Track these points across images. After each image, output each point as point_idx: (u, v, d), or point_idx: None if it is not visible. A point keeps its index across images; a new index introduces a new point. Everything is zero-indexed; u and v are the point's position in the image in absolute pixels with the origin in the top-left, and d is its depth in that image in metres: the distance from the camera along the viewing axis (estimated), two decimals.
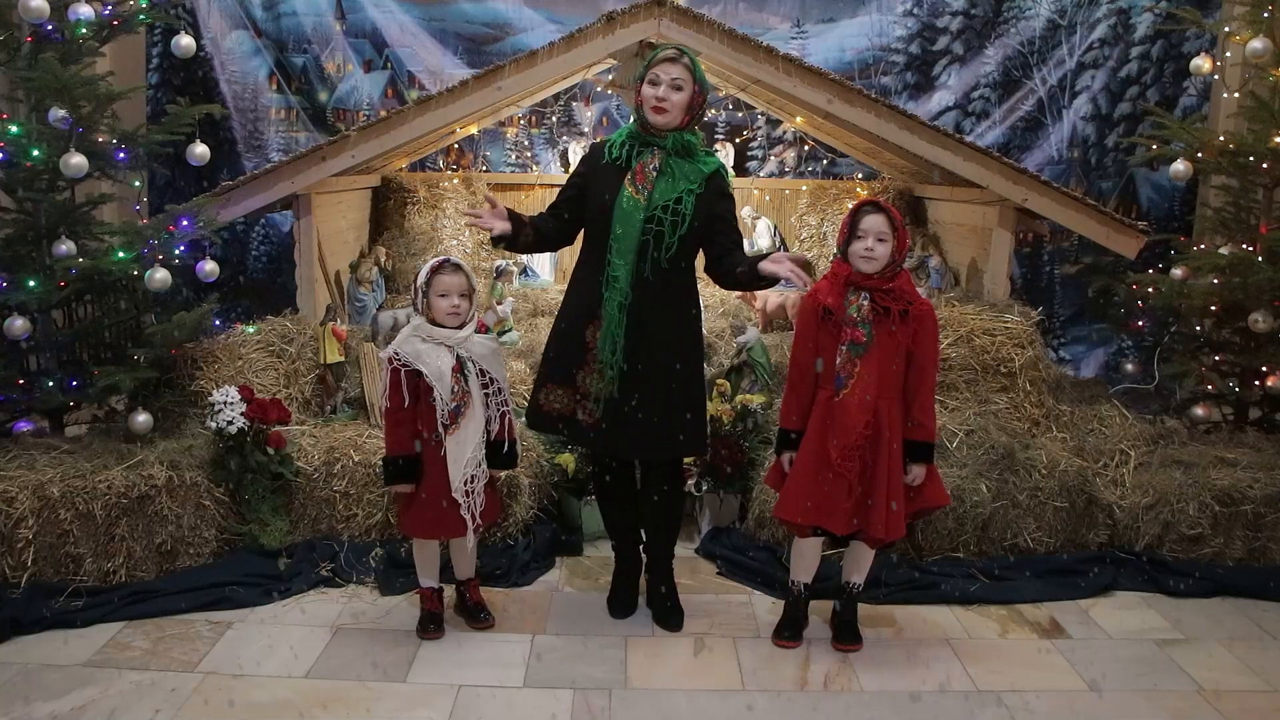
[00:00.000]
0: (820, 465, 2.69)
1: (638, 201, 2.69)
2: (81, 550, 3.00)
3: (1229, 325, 4.20)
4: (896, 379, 2.71)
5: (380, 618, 3.03)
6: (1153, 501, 3.44)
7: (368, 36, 5.69)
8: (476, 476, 2.78)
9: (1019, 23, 5.66)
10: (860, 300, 2.67)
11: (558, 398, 2.82)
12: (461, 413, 2.75)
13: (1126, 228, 4.15)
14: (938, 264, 4.94)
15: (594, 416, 2.77)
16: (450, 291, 2.75)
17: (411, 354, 2.74)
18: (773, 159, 5.94)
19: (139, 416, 3.39)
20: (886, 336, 2.68)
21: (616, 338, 2.71)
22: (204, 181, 5.10)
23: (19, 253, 3.45)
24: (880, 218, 2.67)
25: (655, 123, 2.72)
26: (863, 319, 2.66)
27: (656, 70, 2.72)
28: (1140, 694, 2.68)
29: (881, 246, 2.66)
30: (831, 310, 2.70)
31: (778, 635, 2.93)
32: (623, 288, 2.69)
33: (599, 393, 2.75)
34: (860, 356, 2.66)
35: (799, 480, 2.74)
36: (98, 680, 2.62)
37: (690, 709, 2.56)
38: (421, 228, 5.30)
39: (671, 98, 2.70)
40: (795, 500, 2.73)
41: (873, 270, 2.68)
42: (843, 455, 2.66)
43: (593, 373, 2.75)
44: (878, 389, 2.67)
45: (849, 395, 2.66)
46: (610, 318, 2.71)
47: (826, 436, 2.69)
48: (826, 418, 2.70)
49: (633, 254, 2.69)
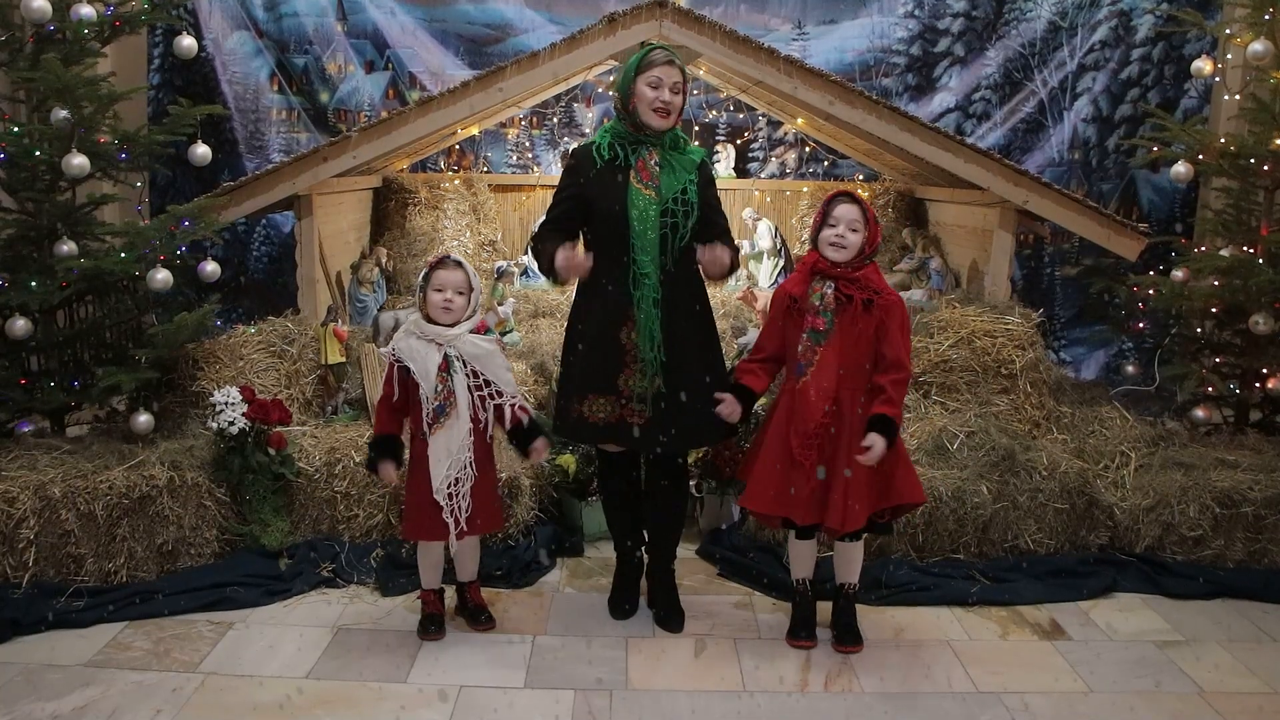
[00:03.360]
0: (784, 455, 2.71)
1: (649, 197, 2.70)
2: (83, 550, 3.01)
3: (1229, 327, 4.21)
4: (859, 369, 2.70)
5: (381, 618, 3.03)
6: (1153, 503, 3.44)
7: (369, 37, 5.70)
8: (462, 480, 2.77)
9: (1020, 24, 5.67)
10: (824, 289, 2.68)
11: (601, 407, 2.79)
12: (445, 413, 2.74)
13: (1127, 229, 4.16)
14: (939, 265, 4.95)
15: (644, 417, 2.77)
16: (445, 286, 2.75)
17: (404, 349, 2.75)
18: (774, 160, 5.94)
19: (140, 417, 3.40)
20: (849, 325, 2.68)
21: (655, 333, 2.72)
22: (205, 182, 5.11)
23: (21, 253, 3.45)
24: (854, 208, 2.69)
25: (656, 125, 2.72)
26: (825, 307, 2.67)
27: (657, 74, 2.71)
28: (1140, 695, 2.68)
29: (853, 236, 2.67)
30: (796, 298, 2.72)
31: (792, 636, 2.92)
32: (654, 283, 2.71)
33: (644, 391, 2.75)
34: (820, 344, 2.67)
35: (763, 470, 2.75)
36: (99, 680, 2.62)
37: (691, 710, 2.56)
38: (422, 228, 5.31)
39: (675, 101, 2.72)
40: (759, 490, 2.75)
41: (841, 259, 2.69)
42: (801, 443, 2.67)
43: (634, 373, 2.75)
44: (838, 378, 2.67)
45: (808, 383, 2.67)
46: (647, 314, 2.71)
47: (790, 426, 2.70)
48: (791, 407, 2.72)
49: (655, 249, 2.71)
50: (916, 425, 3.66)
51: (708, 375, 2.83)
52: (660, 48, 2.80)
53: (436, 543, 2.88)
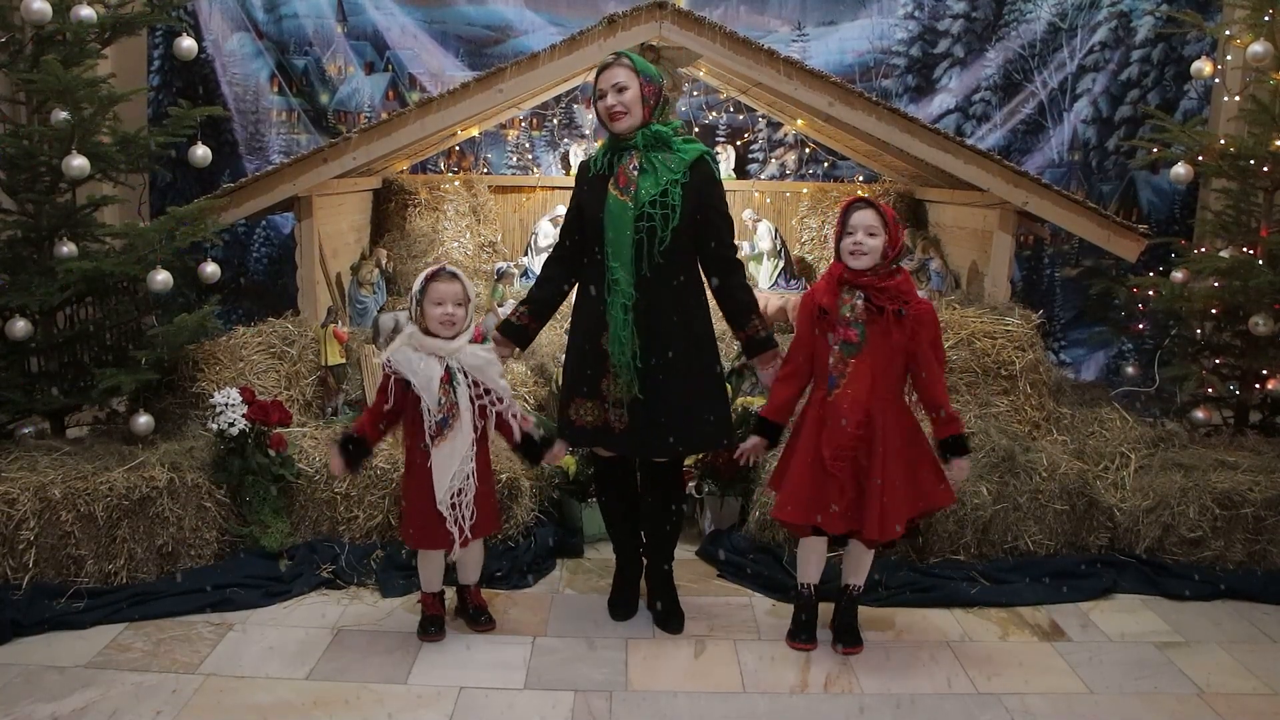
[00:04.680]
0: (814, 465, 2.70)
1: (624, 203, 2.69)
2: (83, 552, 3.01)
3: (1229, 328, 4.20)
4: (892, 381, 2.71)
5: (381, 619, 3.03)
6: (1153, 504, 3.44)
7: (369, 39, 5.70)
8: (465, 490, 2.76)
9: (1020, 25, 5.67)
10: (854, 300, 2.66)
11: (588, 410, 2.82)
12: (449, 425, 2.73)
13: (1127, 231, 4.16)
14: (938, 267, 4.95)
15: (624, 422, 2.77)
16: (445, 300, 2.73)
17: (403, 362, 2.73)
18: (774, 162, 5.94)
19: (140, 418, 3.40)
20: (881, 337, 2.67)
21: (624, 339, 2.71)
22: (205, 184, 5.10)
23: (20, 255, 3.45)
24: (869, 212, 2.67)
25: (616, 130, 2.74)
26: (856, 318, 2.66)
27: (599, 84, 2.75)
28: (1140, 696, 2.68)
29: (871, 240, 2.65)
30: (826, 309, 2.70)
31: (793, 639, 2.92)
32: (624, 289, 2.70)
33: (621, 396, 2.75)
34: (853, 356, 2.66)
35: (795, 481, 2.74)
36: (99, 681, 2.62)
37: (691, 711, 2.56)
38: (422, 230, 5.31)
39: (622, 100, 2.71)
40: (791, 500, 2.74)
41: (863, 266, 2.66)
42: (835, 455, 2.66)
43: (613, 379, 2.76)
44: (870, 390, 2.66)
45: (841, 395, 2.66)
46: (615, 320, 2.71)
47: (820, 437, 2.69)
48: (821, 418, 2.70)
49: (628, 255, 2.69)
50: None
51: (694, 385, 2.79)
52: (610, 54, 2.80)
53: (439, 550, 2.88)
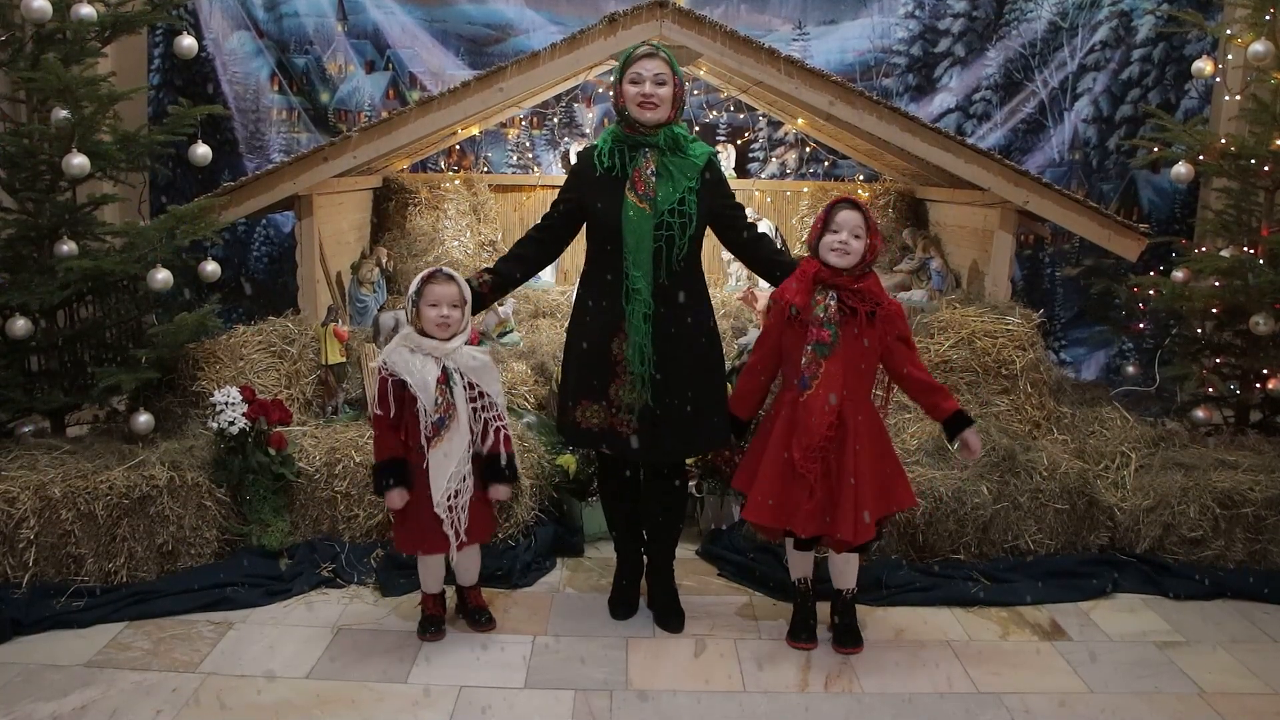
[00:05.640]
0: (785, 466, 2.69)
1: (644, 211, 2.68)
2: (83, 550, 3.01)
3: (1230, 328, 4.20)
4: (863, 382, 2.71)
5: (381, 619, 3.03)
6: (1153, 504, 3.44)
7: (369, 37, 5.70)
8: (461, 492, 2.75)
9: (1020, 25, 5.66)
10: (827, 300, 2.66)
11: (594, 414, 2.81)
12: (445, 426, 2.72)
13: (1128, 230, 4.15)
14: (939, 266, 4.95)
15: (631, 426, 2.77)
16: (440, 302, 2.73)
17: (398, 363, 2.73)
18: (774, 161, 5.94)
19: (140, 417, 3.40)
20: (853, 338, 2.67)
21: (645, 348, 2.71)
22: (206, 182, 5.10)
23: (21, 253, 3.45)
24: (857, 214, 2.67)
25: (645, 119, 2.71)
26: (829, 319, 2.65)
27: (637, 68, 2.71)
28: (1140, 696, 2.68)
29: (856, 243, 2.65)
30: (798, 309, 2.70)
31: (793, 638, 2.92)
32: (645, 299, 2.69)
33: (632, 403, 2.75)
34: (825, 357, 2.66)
35: (764, 481, 2.73)
36: (99, 680, 2.62)
37: (691, 710, 2.56)
38: (423, 229, 5.31)
39: (658, 92, 2.70)
40: (761, 501, 2.73)
41: (843, 265, 2.66)
42: (805, 456, 2.65)
43: (624, 385, 2.75)
44: (842, 391, 2.66)
45: (813, 396, 2.65)
46: (636, 329, 2.70)
47: (791, 437, 2.68)
48: (792, 418, 2.70)
49: (649, 264, 2.69)
50: (917, 425, 3.66)
51: (702, 389, 2.80)
52: (647, 44, 2.80)
53: (437, 555, 2.87)
